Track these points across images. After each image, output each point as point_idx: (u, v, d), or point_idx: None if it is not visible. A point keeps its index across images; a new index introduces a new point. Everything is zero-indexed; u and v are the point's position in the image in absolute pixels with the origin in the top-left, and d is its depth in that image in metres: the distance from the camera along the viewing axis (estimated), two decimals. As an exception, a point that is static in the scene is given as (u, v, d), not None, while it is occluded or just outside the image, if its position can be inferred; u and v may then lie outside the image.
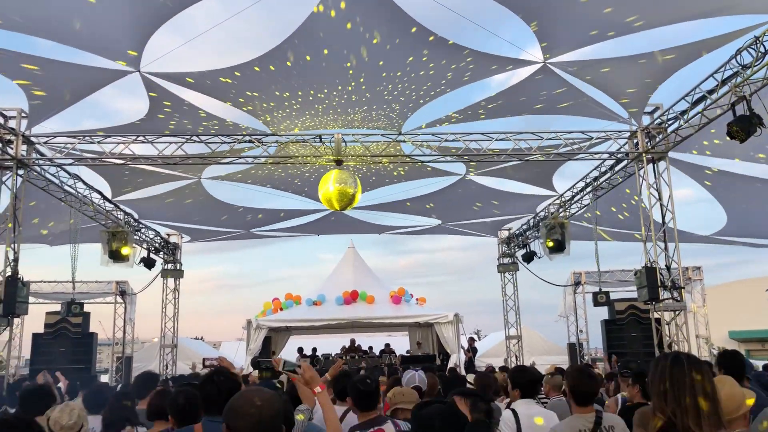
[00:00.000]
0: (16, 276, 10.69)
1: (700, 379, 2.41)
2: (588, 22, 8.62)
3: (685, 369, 2.44)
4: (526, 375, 5.04)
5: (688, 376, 2.42)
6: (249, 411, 2.29)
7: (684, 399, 2.39)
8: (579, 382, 3.99)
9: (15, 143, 10.97)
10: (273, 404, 2.35)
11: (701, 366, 2.47)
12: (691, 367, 2.44)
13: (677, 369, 2.45)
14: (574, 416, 3.96)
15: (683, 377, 2.42)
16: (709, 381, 2.43)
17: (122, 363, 19.00)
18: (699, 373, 2.43)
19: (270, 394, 2.40)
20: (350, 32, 8.93)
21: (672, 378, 2.44)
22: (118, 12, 8.11)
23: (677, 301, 11.20)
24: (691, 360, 2.49)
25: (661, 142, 11.51)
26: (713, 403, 2.39)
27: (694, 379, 2.41)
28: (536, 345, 22.49)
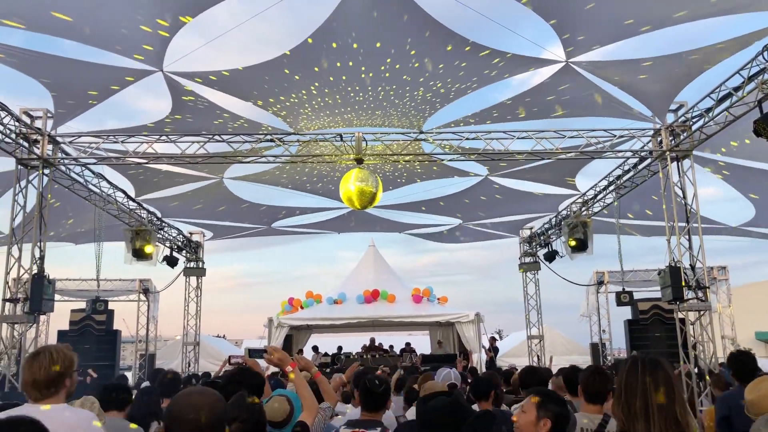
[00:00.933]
0: (42, 274, 10.84)
1: (651, 382, 2.38)
2: (611, 20, 8.53)
3: (638, 373, 2.41)
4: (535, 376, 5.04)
5: (639, 380, 2.39)
6: (187, 417, 2.20)
7: (633, 403, 2.37)
8: (590, 380, 3.97)
9: (41, 143, 11.13)
10: (214, 408, 2.25)
11: (656, 368, 2.42)
12: (645, 370, 2.41)
13: (631, 373, 2.43)
14: (581, 413, 3.93)
15: (635, 381, 2.40)
16: (664, 383, 2.38)
17: (145, 360, 19.20)
18: (652, 376, 2.39)
19: (212, 397, 2.30)
20: (371, 31, 8.94)
21: (626, 382, 2.42)
22: (142, 10, 8.18)
23: (702, 301, 11.04)
24: (647, 363, 2.45)
25: (685, 140, 11.36)
26: (665, 410, 2.34)
27: (646, 383, 2.38)
28: (558, 345, 22.33)
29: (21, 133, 10.79)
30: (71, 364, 3.05)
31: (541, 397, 3.04)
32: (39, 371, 2.95)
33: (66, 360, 3.02)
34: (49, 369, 2.95)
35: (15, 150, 10.80)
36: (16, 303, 10.61)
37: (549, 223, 17.94)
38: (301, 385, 3.60)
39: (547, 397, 3.05)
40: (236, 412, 3.15)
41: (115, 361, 16.20)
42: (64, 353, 3.04)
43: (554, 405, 3.00)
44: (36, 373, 2.96)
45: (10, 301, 10.59)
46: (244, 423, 3.13)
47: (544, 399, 3.02)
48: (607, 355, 20.00)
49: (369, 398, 4.03)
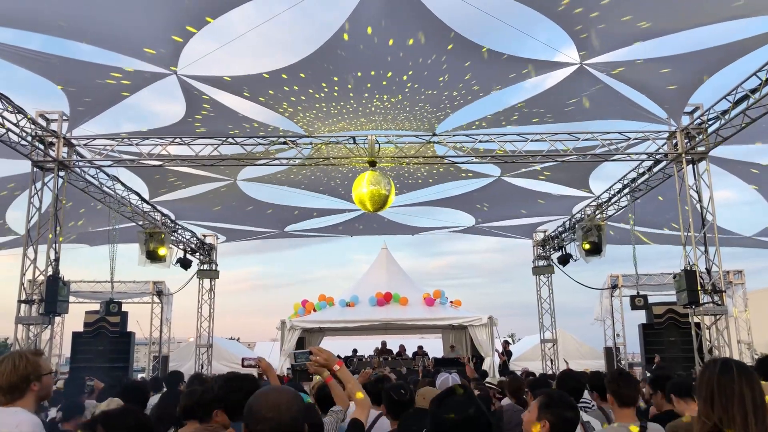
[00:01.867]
0: (57, 275, 10.92)
1: (747, 385, 2.37)
2: (625, 22, 8.47)
3: (734, 376, 2.40)
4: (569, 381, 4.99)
5: (736, 384, 2.38)
6: (267, 415, 2.21)
7: (731, 407, 2.35)
8: (621, 383, 3.89)
9: (56, 145, 11.21)
10: (292, 407, 2.27)
11: (751, 374, 2.43)
12: (741, 375, 2.41)
13: (726, 376, 2.41)
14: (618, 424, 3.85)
15: (731, 384, 2.38)
16: (759, 390, 2.38)
17: (159, 362, 19.28)
18: (748, 382, 2.39)
19: (289, 395, 2.32)
20: (384, 36, 8.93)
21: (720, 385, 2.40)
22: (157, 14, 8.22)
23: (718, 305, 10.92)
24: (740, 368, 2.45)
25: (701, 143, 11.26)
26: (761, 412, 2.34)
27: (742, 388, 2.37)
28: (572, 349, 22.20)
29: (37, 136, 10.88)
30: (36, 369, 3.05)
31: (546, 398, 3.01)
32: (1, 378, 3.00)
33: (29, 366, 3.03)
34: (10, 375, 2.98)
35: (31, 152, 10.88)
36: (32, 304, 10.69)
37: (563, 226, 17.84)
38: (351, 384, 3.60)
39: (552, 399, 3.01)
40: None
41: (128, 362, 16.24)
42: (27, 359, 3.05)
43: (558, 408, 2.96)
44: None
45: (25, 302, 10.67)
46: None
47: (547, 400, 2.99)
48: (621, 359, 19.84)
49: (396, 407, 4.08)
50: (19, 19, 8.12)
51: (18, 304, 10.65)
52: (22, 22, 8.21)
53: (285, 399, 2.28)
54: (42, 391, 3.08)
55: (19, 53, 8.76)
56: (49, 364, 3.22)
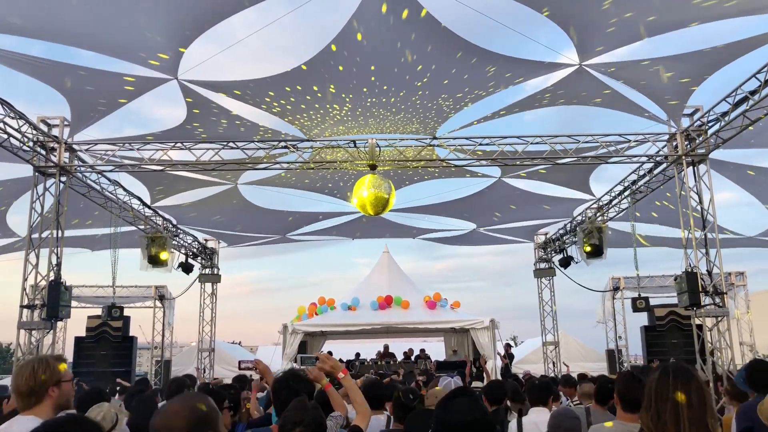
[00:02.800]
0: (59, 280, 10.94)
1: (682, 390, 2.37)
2: (624, 22, 8.50)
3: (670, 381, 2.40)
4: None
5: (671, 389, 2.38)
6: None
7: (664, 413, 2.36)
8: (630, 386, 3.90)
9: (58, 151, 11.25)
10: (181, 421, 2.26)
11: (689, 377, 2.42)
12: (677, 379, 2.40)
13: (662, 382, 2.42)
14: (618, 422, 3.87)
15: (666, 390, 2.39)
16: (696, 392, 2.37)
17: (161, 366, 19.29)
18: (683, 385, 2.38)
19: (180, 409, 2.32)
20: (385, 40, 8.96)
21: (656, 391, 2.42)
22: (158, 20, 8.26)
23: (719, 306, 10.92)
24: (678, 372, 2.44)
25: (701, 145, 11.27)
26: (697, 415, 2.33)
27: (677, 391, 2.37)
28: (574, 351, 22.18)
29: (38, 141, 10.92)
30: (55, 375, 3.07)
31: None
32: (20, 382, 3.03)
33: (49, 371, 3.06)
34: (29, 379, 3.01)
35: (32, 158, 10.93)
36: (34, 309, 10.71)
37: (564, 228, 17.85)
38: (354, 391, 3.62)
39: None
40: (298, 417, 3.18)
41: (131, 367, 16.27)
42: (47, 364, 3.08)
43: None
44: (19, 384, 3.04)
45: (27, 307, 10.70)
46: (307, 427, 3.15)
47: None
48: (624, 361, 19.82)
49: (403, 411, 4.10)
50: (21, 26, 8.16)
51: (20, 309, 10.67)
52: (24, 29, 8.25)
53: (175, 413, 2.28)
54: (61, 398, 3.08)
55: (20, 59, 8.80)
56: (70, 372, 3.19)
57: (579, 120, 12.09)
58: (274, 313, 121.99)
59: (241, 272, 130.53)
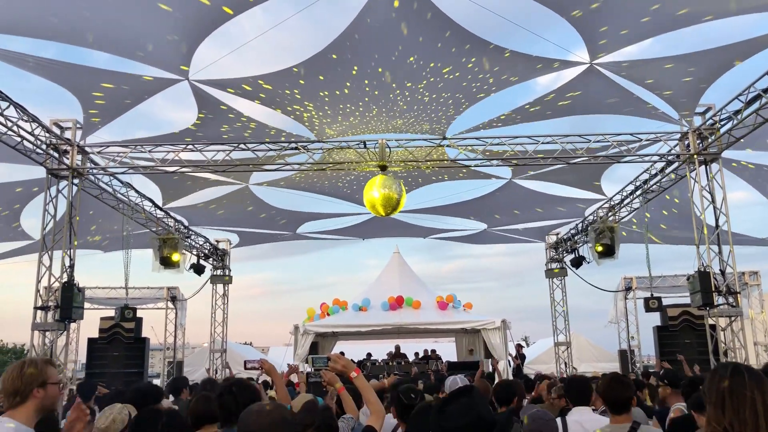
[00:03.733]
0: (72, 282, 11.02)
1: (757, 390, 2.36)
2: (636, 20, 8.46)
3: (745, 381, 2.40)
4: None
5: (747, 388, 2.37)
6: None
7: (743, 411, 2.34)
8: (609, 388, 3.92)
9: (71, 153, 11.34)
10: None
11: (761, 378, 2.43)
12: (751, 379, 2.40)
13: (737, 381, 2.41)
14: (608, 425, 3.87)
15: (743, 389, 2.38)
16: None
17: (173, 367, 19.38)
18: (759, 386, 2.38)
19: (276, 417, 2.40)
20: (394, 38, 8.96)
21: (731, 390, 2.39)
22: (168, 21, 8.30)
23: (733, 306, 10.84)
24: (750, 372, 2.45)
25: (713, 144, 11.20)
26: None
27: (753, 392, 2.36)
28: (585, 352, 22.10)
29: (51, 144, 11.01)
30: (41, 376, 3.06)
31: None
32: (6, 381, 3.04)
33: (36, 372, 3.06)
34: (15, 379, 3.02)
35: (45, 160, 11.01)
36: (47, 311, 10.79)
37: (575, 228, 17.78)
38: (367, 391, 3.62)
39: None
40: (310, 418, 3.18)
41: (143, 368, 16.35)
42: (35, 365, 3.08)
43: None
44: (5, 383, 3.05)
45: (41, 309, 10.78)
46: (318, 429, 3.16)
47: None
48: (636, 362, 19.72)
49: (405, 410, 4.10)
50: (34, 28, 8.23)
51: (34, 311, 10.76)
52: (37, 31, 8.32)
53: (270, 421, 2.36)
54: (46, 400, 3.07)
55: (35, 62, 8.88)
56: (58, 375, 3.20)
57: (590, 120, 12.03)
58: (285, 314, 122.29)
59: (253, 274, 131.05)
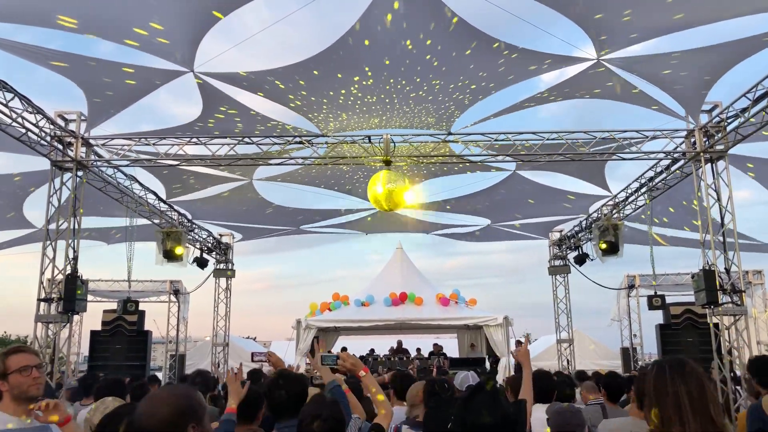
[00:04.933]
0: (76, 274, 11.03)
1: (680, 383, 2.38)
2: (644, 17, 8.41)
3: (666, 377, 2.41)
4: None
5: (669, 384, 2.39)
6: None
7: (666, 408, 2.36)
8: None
9: (75, 145, 11.33)
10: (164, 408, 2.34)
11: (685, 370, 2.42)
12: (674, 373, 2.41)
13: (660, 378, 2.43)
14: (630, 419, 3.86)
15: (665, 386, 2.40)
16: (695, 384, 2.37)
17: (176, 361, 19.39)
18: (681, 377, 2.39)
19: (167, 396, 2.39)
20: (399, 33, 8.93)
21: (655, 388, 2.42)
22: (173, 12, 8.28)
23: (737, 305, 10.80)
24: (674, 366, 2.45)
25: (720, 141, 11.14)
26: (700, 406, 2.33)
27: (676, 385, 2.38)
28: (588, 349, 22.07)
29: (55, 136, 11.00)
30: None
31: None
32: None
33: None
34: None
35: (50, 152, 11.01)
36: (51, 303, 10.80)
37: (579, 225, 17.74)
38: (375, 389, 3.61)
39: None
40: (317, 410, 3.16)
41: (146, 361, 16.35)
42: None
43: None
44: None
45: (44, 300, 10.78)
46: (325, 422, 3.14)
47: None
48: (638, 360, 19.70)
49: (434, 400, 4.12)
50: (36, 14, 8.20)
51: (37, 303, 10.77)
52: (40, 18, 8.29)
53: (161, 401, 2.36)
54: (14, 390, 3.13)
55: (40, 53, 8.86)
56: (26, 360, 3.20)
57: (595, 116, 12.04)
58: (287, 308, 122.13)
59: (256, 268, 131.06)
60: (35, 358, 3.26)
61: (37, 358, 3.27)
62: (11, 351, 3.23)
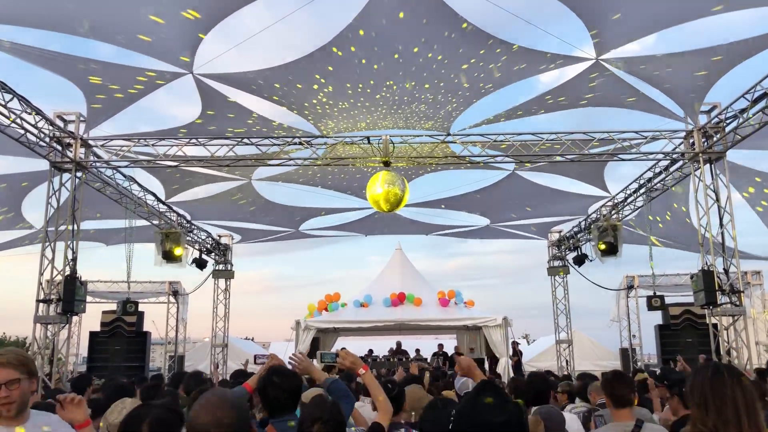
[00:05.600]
0: (75, 275, 11.02)
1: (739, 389, 2.39)
2: (643, 16, 8.41)
3: (726, 380, 2.42)
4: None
5: (728, 387, 2.40)
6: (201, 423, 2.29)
7: (725, 410, 2.37)
8: (615, 384, 3.91)
9: (74, 146, 11.32)
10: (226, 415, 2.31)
11: (740, 376, 2.45)
12: (732, 377, 2.43)
13: (717, 380, 2.43)
14: (612, 424, 3.86)
15: (723, 388, 2.40)
16: (749, 391, 2.40)
17: (174, 362, 19.38)
18: (739, 384, 2.41)
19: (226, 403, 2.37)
20: (398, 32, 8.93)
21: (713, 389, 2.42)
22: (172, 15, 8.28)
23: (736, 305, 10.81)
24: (730, 371, 2.47)
25: (718, 142, 11.15)
26: (753, 413, 2.37)
27: (734, 391, 2.39)
28: (587, 350, 22.04)
29: (54, 137, 10.99)
30: None
31: None
32: None
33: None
34: None
35: (48, 153, 10.99)
36: (50, 304, 10.79)
37: (578, 226, 17.74)
38: (374, 387, 3.59)
39: None
40: (318, 413, 3.15)
41: (144, 362, 16.36)
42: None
43: None
44: None
45: (43, 301, 10.78)
46: (326, 424, 3.13)
47: None
48: (638, 360, 19.70)
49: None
50: (38, 18, 8.21)
51: (36, 304, 10.76)
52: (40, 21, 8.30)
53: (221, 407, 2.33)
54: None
55: (41, 54, 8.86)
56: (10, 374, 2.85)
57: (593, 116, 12.01)
58: (286, 309, 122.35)
59: (255, 269, 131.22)
60: (10, 371, 2.85)
61: (13, 372, 2.85)
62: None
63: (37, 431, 2.92)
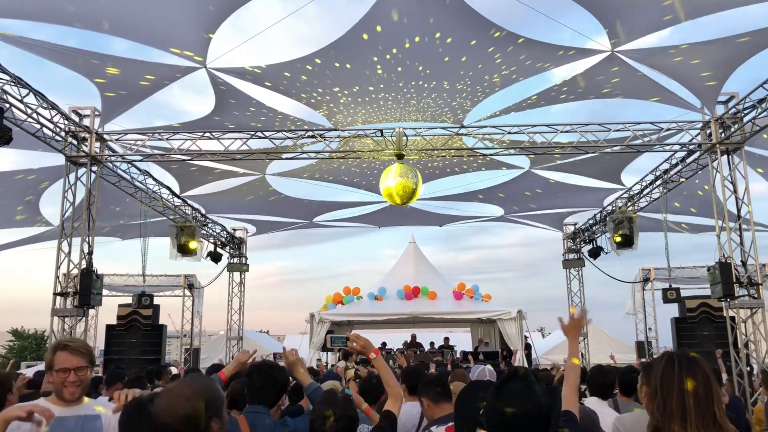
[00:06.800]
0: (91, 269, 11.11)
1: (688, 380, 2.33)
2: (658, 6, 8.31)
3: (674, 372, 2.36)
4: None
5: (676, 377, 2.34)
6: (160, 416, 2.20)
7: (670, 402, 2.32)
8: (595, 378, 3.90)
9: (89, 140, 11.39)
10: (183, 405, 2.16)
11: (694, 366, 2.37)
12: (682, 368, 2.36)
13: (667, 371, 2.38)
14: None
15: (671, 380, 2.34)
16: (703, 381, 2.32)
17: (190, 354, 19.49)
18: (690, 374, 2.34)
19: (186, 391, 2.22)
20: (411, 25, 8.88)
21: (662, 379, 2.37)
22: (186, 8, 8.29)
23: (754, 298, 10.68)
24: (684, 361, 2.40)
25: (736, 133, 11.00)
26: (704, 404, 2.29)
27: (683, 381, 2.33)
28: (602, 343, 21.92)
29: (70, 131, 11.07)
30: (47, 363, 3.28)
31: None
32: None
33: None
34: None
35: (64, 147, 11.08)
36: (66, 297, 10.90)
37: (594, 218, 17.62)
38: (385, 372, 3.57)
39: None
40: (329, 409, 3.16)
41: (160, 355, 16.44)
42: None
43: None
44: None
45: (60, 294, 10.89)
46: (339, 421, 3.13)
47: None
48: (654, 353, 19.56)
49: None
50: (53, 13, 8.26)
51: (53, 297, 10.87)
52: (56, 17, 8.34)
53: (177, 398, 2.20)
54: (52, 386, 3.22)
55: (56, 50, 8.91)
56: (65, 362, 3.15)
57: (609, 108, 11.91)
58: (301, 302, 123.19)
59: (269, 262, 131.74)
60: (80, 359, 3.16)
61: (82, 359, 3.16)
62: (60, 347, 3.18)
63: (91, 411, 3.26)
